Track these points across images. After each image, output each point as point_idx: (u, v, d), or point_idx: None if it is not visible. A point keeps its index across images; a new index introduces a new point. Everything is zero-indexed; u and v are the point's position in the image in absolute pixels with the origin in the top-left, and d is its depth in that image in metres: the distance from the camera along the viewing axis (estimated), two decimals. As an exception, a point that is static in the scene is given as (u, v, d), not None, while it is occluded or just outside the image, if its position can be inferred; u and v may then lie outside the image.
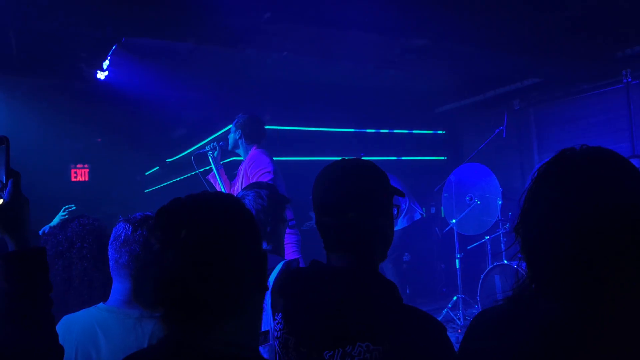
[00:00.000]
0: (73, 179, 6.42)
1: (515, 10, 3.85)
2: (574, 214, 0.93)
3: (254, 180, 3.46)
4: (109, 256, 1.56)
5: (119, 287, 1.55)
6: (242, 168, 3.89)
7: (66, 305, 1.69)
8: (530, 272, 0.99)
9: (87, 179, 6.50)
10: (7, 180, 1.16)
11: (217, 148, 3.89)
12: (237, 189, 3.80)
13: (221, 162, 3.95)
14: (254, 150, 3.86)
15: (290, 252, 3.44)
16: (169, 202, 1.02)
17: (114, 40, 4.04)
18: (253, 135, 3.90)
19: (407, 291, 5.78)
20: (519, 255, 1.01)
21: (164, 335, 0.98)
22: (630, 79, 5.03)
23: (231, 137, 3.94)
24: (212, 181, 3.93)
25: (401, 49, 4.34)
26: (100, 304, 1.56)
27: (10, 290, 1.14)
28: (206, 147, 3.92)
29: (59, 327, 1.32)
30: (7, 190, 1.15)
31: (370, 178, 1.32)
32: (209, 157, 3.90)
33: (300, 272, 1.36)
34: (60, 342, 1.19)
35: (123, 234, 1.53)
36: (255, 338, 1.04)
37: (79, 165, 6.45)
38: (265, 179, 3.48)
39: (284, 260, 1.92)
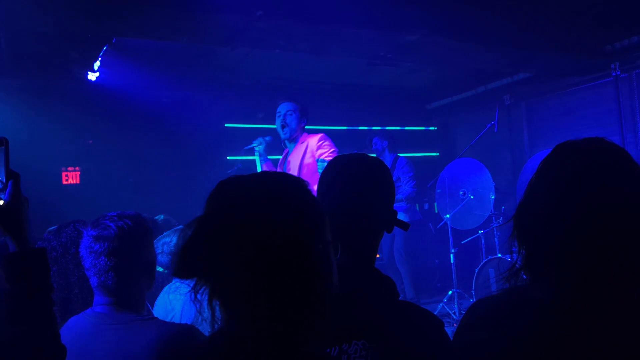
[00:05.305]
0: (64, 182, 6.34)
1: (506, 3, 3.88)
2: (573, 205, 0.93)
3: (320, 157, 3.53)
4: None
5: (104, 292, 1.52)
6: (299, 147, 3.76)
7: (72, 312, 1.62)
8: (524, 262, 0.98)
9: (78, 182, 6.41)
10: (7, 181, 1.15)
11: (263, 142, 3.86)
12: (295, 165, 3.69)
13: (268, 156, 3.86)
14: (318, 133, 3.79)
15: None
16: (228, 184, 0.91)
17: (105, 40, 4.02)
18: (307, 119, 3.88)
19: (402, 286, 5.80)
20: (513, 249, 1.01)
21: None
22: (619, 72, 5.06)
23: (294, 117, 3.76)
24: None
25: (393, 45, 4.35)
26: (89, 310, 1.53)
27: (12, 291, 1.13)
28: (253, 142, 3.88)
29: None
30: (7, 191, 1.15)
31: (369, 191, 1.26)
32: (255, 152, 3.87)
33: None
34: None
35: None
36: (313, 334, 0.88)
37: (69, 168, 6.36)
38: (330, 157, 3.47)
39: None
